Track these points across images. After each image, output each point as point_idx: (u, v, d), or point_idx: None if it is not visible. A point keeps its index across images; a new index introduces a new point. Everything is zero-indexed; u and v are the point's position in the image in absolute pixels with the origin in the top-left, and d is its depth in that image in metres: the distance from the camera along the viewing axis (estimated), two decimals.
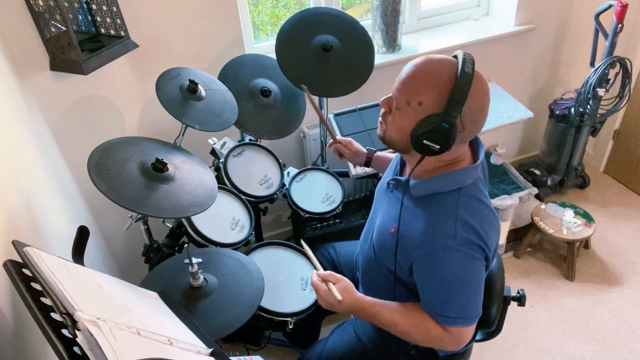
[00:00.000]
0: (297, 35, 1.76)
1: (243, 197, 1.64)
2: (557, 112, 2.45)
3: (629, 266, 2.32)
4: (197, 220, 1.48)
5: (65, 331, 0.67)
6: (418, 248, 1.07)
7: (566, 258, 2.29)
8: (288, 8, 2.22)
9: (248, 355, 1.09)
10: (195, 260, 1.20)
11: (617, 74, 2.25)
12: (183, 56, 1.81)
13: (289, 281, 1.53)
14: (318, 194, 1.86)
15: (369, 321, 1.19)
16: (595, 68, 2.23)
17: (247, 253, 1.54)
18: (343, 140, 1.62)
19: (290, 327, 1.43)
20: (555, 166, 2.62)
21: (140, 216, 1.42)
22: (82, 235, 1.00)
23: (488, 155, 2.37)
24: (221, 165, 1.67)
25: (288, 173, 1.87)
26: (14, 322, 0.89)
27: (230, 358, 0.92)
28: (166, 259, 1.43)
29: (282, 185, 1.81)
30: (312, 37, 1.77)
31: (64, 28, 1.46)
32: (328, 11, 1.82)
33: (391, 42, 2.16)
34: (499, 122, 2.09)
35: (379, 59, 2.13)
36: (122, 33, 1.62)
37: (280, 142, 2.13)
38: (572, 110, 2.38)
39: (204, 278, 1.24)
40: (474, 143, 1.17)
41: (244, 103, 1.70)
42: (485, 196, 1.13)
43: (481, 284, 1.10)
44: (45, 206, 1.32)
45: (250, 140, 1.84)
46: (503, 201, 2.19)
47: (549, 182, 2.61)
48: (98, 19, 1.62)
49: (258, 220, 1.97)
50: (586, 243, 2.41)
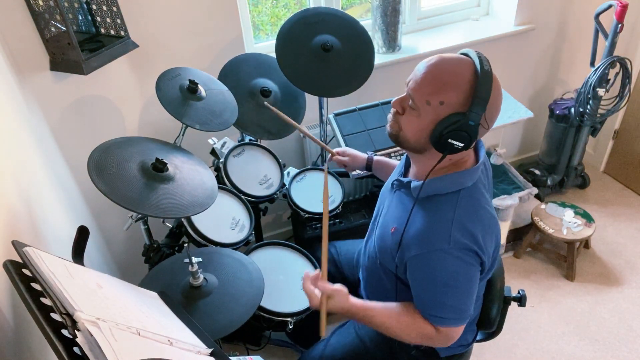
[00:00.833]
0: (297, 35, 1.76)
1: (243, 197, 1.64)
2: (557, 112, 2.45)
3: (629, 266, 2.32)
4: (197, 220, 1.48)
5: (65, 331, 0.67)
6: (413, 249, 1.08)
7: (566, 258, 2.29)
8: (288, 8, 2.22)
9: (248, 355, 1.09)
10: (195, 259, 1.20)
11: (617, 74, 2.25)
12: (183, 56, 1.81)
13: (289, 281, 1.53)
14: (318, 194, 1.86)
15: (361, 322, 1.20)
16: (595, 68, 2.23)
17: (247, 253, 1.54)
18: (338, 150, 1.64)
19: (290, 327, 1.43)
20: (555, 166, 2.62)
21: (140, 216, 1.42)
22: (82, 235, 1.00)
23: (488, 155, 2.37)
24: (221, 165, 1.67)
25: (288, 173, 1.87)
26: (14, 322, 0.89)
27: (230, 358, 0.92)
28: (166, 259, 1.43)
29: (282, 185, 1.81)
30: (312, 37, 1.77)
31: (64, 28, 1.46)
32: (328, 11, 1.82)
33: (391, 42, 2.16)
34: (499, 122, 2.09)
35: (379, 59, 2.13)
36: (122, 33, 1.62)
37: (280, 142, 2.13)
38: (572, 110, 2.38)
39: (204, 278, 1.24)
40: (476, 145, 1.17)
41: (245, 103, 1.70)
42: (485, 199, 1.12)
43: (473, 288, 1.10)
44: (45, 206, 1.32)
45: (250, 140, 1.84)
46: (503, 201, 2.19)
47: (549, 182, 2.61)
48: (98, 19, 1.62)
49: (258, 220, 1.97)
50: (586, 243, 2.41)
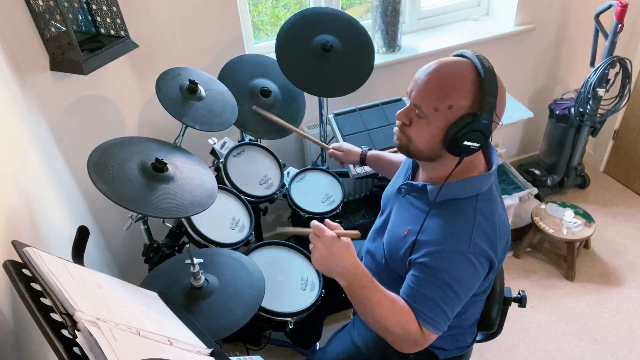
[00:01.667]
0: (297, 35, 1.76)
1: (243, 197, 1.64)
2: (557, 112, 2.45)
3: (629, 266, 2.32)
4: (197, 220, 1.48)
5: (65, 331, 0.67)
6: (430, 246, 1.04)
7: (566, 258, 2.29)
8: (288, 8, 2.22)
9: (248, 355, 1.08)
10: (196, 260, 1.20)
11: (617, 74, 2.25)
12: (183, 56, 1.81)
13: (289, 281, 1.53)
14: (318, 194, 1.86)
15: (356, 293, 1.05)
16: (595, 68, 2.23)
17: (247, 253, 1.54)
18: (333, 145, 1.69)
19: (290, 328, 1.43)
20: (555, 166, 2.62)
21: (140, 216, 1.42)
22: (82, 235, 1.00)
23: None
24: (221, 165, 1.67)
25: (288, 173, 1.87)
26: (14, 322, 0.89)
27: (230, 358, 0.92)
28: (166, 259, 1.43)
29: (282, 185, 1.81)
30: (312, 37, 1.77)
31: (64, 28, 1.46)
32: (328, 11, 1.82)
33: (391, 42, 2.16)
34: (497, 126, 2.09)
35: (379, 59, 2.13)
36: (122, 33, 1.62)
37: (280, 142, 2.13)
38: (572, 110, 2.38)
39: (205, 278, 1.24)
40: (486, 149, 1.16)
41: (245, 103, 1.70)
42: (496, 204, 1.12)
43: (465, 297, 1.07)
44: (45, 206, 1.32)
45: (250, 140, 1.84)
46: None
47: (549, 182, 2.61)
48: (98, 19, 1.62)
49: (258, 220, 1.97)
50: (586, 243, 2.41)
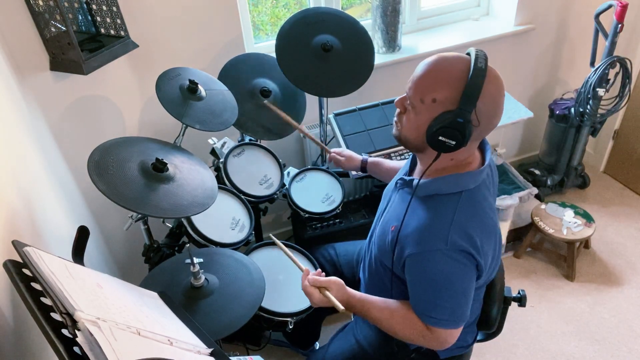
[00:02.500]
0: (297, 35, 1.76)
1: (243, 197, 1.64)
2: (557, 112, 2.45)
3: (629, 266, 2.32)
4: (197, 220, 1.48)
5: (65, 331, 0.67)
6: (411, 246, 1.08)
7: (566, 258, 2.29)
8: (288, 8, 2.22)
9: (248, 355, 1.08)
10: (196, 260, 1.20)
11: (617, 74, 2.25)
12: (183, 56, 1.81)
13: (289, 281, 1.53)
14: (318, 194, 1.86)
15: (360, 316, 1.21)
16: (595, 68, 2.23)
17: (247, 253, 1.54)
18: (336, 150, 1.70)
19: (290, 328, 1.43)
20: (555, 166, 2.62)
21: (140, 216, 1.42)
22: (82, 235, 1.00)
23: None
24: (221, 165, 1.67)
25: (288, 173, 1.87)
26: (14, 322, 0.89)
27: (230, 358, 0.92)
28: (166, 259, 1.43)
29: (282, 185, 1.81)
30: (312, 37, 1.77)
31: (64, 28, 1.46)
32: (328, 11, 1.82)
33: (391, 42, 2.16)
34: (499, 122, 2.09)
35: (379, 59, 2.13)
36: (122, 33, 1.62)
37: (280, 142, 2.12)
38: (572, 110, 2.38)
39: (205, 278, 1.24)
40: (482, 147, 1.17)
41: (245, 103, 1.70)
42: (488, 203, 1.12)
43: (468, 290, 1.09)
44: (45, 206, 1.32)
45: (250, 140, 1.84)
46: (503, 201, 2.19)
47: (549, 182, 2.61)
48: (98, 19, 1.62)
49: (258, 220, 1.97)
50: (586, 243, 2.41)
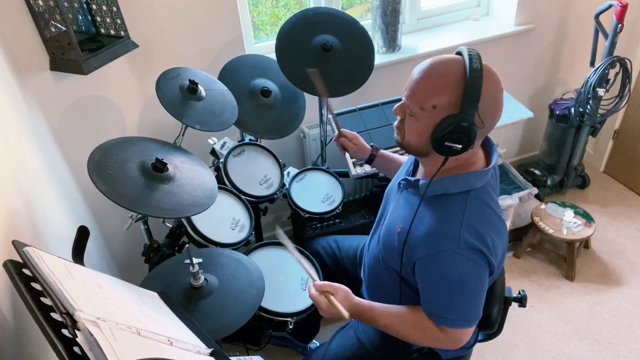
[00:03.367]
0: (297, 35, 1.76)
1: (243, 197, 1.64)
2: (557, 112, 2.45)
3: (629, 266, 2.32)
4: (197, 220, 1.48)
5: (65, 331, 0.67)
6: (422, 249, 1.07)
7: (566, 258, 2.29)
8: (288, 8, 2.22)
9: (248, 355, 1.09)
10: (196, 260, 1.20)
11: (617, 74, 2.25)
12: (183, 56, 1.81)
13: (289, 281, 1.53)
14: (318, 194, 1.86)
15: (368, 323, 1.20)
16: (595, 68, 2.23)
17: (247, 253, 1.54)
18: (348, 133, 1.58)
19: (290, 328, 1.43)
20: (555, 166, 2.62)
21: (140, 216, 1.42)
22: (82, 235, 1.00)
23: None
24: (221, 165, 1.67)
25: (288, 173, 1.87)
26: (14, 322, 0.89)
27: (230, 358, 0.92)
28: (166, 259, 1.43)
29: (282, 185, 1.81)
30: (312, 37, 1.77)
31: (64, 28, 1.46)
32: (328, 11, 1.82)
33: (391, 42, 2.16)
34: (499, 122, 2.09)
35: (379, 59, 2.13)
36: (122, 33, 1.62)
37: (280, 142, 2.13)
38: (572, 110, 2.38)
39: (205, 278, 1.24)
40: (488, 147, 1.17)
41: (245, 103, 1.70)
42: (494, 201, 1.12)
43: (483, 289, 1.09)
44: (45, 206, 1.32)
45: (250, 140, 1.84)
46: (503, 201, 2.19)
47: (549, 182, 2.61)
48: (98, 19, 1.62)
49: (258, 220, 1.97)
50: (586, 243, 2.41)
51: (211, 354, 0.88)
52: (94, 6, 1.59)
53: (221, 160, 1.68)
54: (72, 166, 1.80)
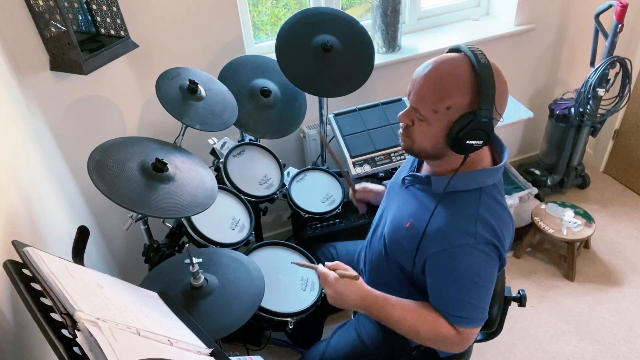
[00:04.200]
0: (297, 35, 1.76)
1: (243, 197, 1.64)
2: (557, 112, 2.45)
3: (629, 266, 2.32)
4: (197, 220, 1.48)
5: (65, 331, 0.67)
6: (435, 245, 1.06)
7: (566, 258, 2.29)
8: (288, 8, 2.22)
9: (248, 355, 1.08)
10: (196, 260, 1.20)
11: (617, 74, 2.25)
12: (183, 56, 1.81)
13: (289, 281, 1.53)
14: (318, 194, 1.86)
15: (377, 317, 1.13)
16: (595, 68, 2.23)
17: (247, 253, 1.54)
18: (359, 188, 1.58)
19: (290, 328, 1.43)
20: (555, 166, 2.62)
21: (140, 216, 1.42)
22: (82, 235, 1.00)
23: None
24: (221, 165, 1.67)
25: (288, 173, 1.87)
26: (14, 322, 0.89)
27: (230, 358, 0.92)
28: (166, 259, 1.43)
29: (282, 185, 1.81)
30: (312, 37, 1.77)
31: (64, 28, 1.46)
32: (328, 11, 1.82)
33: (391, 42, 2.16)
34: (499, 122, 2.09)
35: (379, 59, 2.13)
36: (122, 33, 1.62)
37: (280, 142, 2.13)
38: (572, 110, 2.38)
39: (205, 278, 1.24)
40: (497, 146, 1.17)
41: (245, 103, 1.70)
42: (503, 198, 1.13)
43: (492, 285, 1.09)
44: (45, 206, 1.32)
45: (250, 140, 1.84)
46: None
47: (549, 182, 2.61)
48: (98, 19, 1.62)
49: (258, 220, 1.97)
50: (586, 243, 2.41)
51: (211, 354, 0.88)
52: (94, 6, 1.59)
53: (221, 160, 1.68)
54: (72, 166, 1.80)
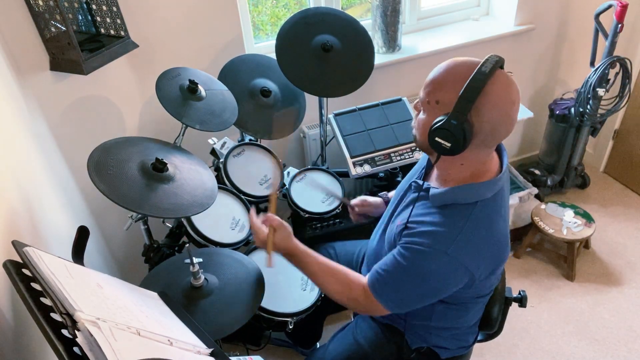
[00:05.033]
0: (297, 35, 1.76)
1: (243, 197, 1.64)
2: (557, 112, 2.45)
3: (629, 266, 2.32)
4: (197, 220, 1.48)
5: (65, 331, 0.67)
6: (414, 238, 1.08)
7: (566, 258, 2.29)
8: (288, 8, 2.22)
9: (248, 355, 1.08)
10: (196, 260, 1.20)
11: (617, 74, 2.25)
12: (183, 56, 1.81)
13: (289, 281, 1.53)
14: (318, 194, 1.86)
15: (299, 268, 1.24)
16: (595, 68, 2.23)
17: (247, 253, 1.54)
18: (357, 202, 1.54)
19: (290, 328, 1.43)
20: (555, 166, 2.61)
21: (140, 216, 1.42)
22: (82, 235, 1.00)
23: None
24: (221, 165, 1.67)
25: (288, 173, 1.87)
26: (14, 322, 0.89)
27: (230, 358, 0.92)
28: (166, 259, 1.43)
29: (282, 185, 1.81)
30: (312, 37, 1.77)
31: (64, 28, 1.46)
32: (328, 11, 1.82)
33: (391, 42, 2.16)
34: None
35: (379, 59, 2.13)
36: (122, 33, 1.62)
37: (280, 142, 2.13)
38: (572, 110, 2.38)
39: (205, 278, 1.24)
40: (500, 152, 1.16)
41: (244, 103, 1.70)
42: (503, 210, 1.12)
43: (437, 293, 1.10)
44: (45, 206, 1.32)
45: (250, 140, 1.84)
46: None
47: (549, 182, 2.61)
48: (98, 19, 1.62)
49: None
50: (586, 243, 2.41)
51: (211, 354, 0.88)
52: (94, 6, 1.59)
53: (221, 160, 1.68)
54: (72, 166, 1.80)
